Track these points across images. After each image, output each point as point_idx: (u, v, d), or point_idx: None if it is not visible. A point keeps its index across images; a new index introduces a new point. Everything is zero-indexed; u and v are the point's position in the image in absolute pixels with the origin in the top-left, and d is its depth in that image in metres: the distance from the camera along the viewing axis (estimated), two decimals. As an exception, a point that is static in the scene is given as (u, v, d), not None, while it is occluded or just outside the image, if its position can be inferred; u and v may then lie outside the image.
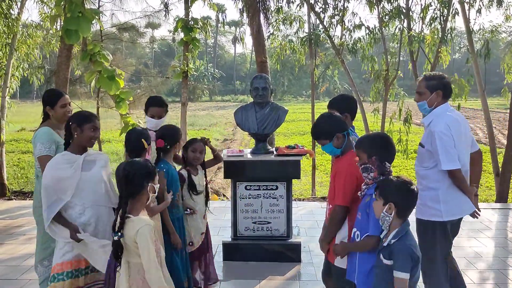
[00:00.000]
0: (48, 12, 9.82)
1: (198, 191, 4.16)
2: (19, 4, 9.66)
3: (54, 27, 9.23)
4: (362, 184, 3.01)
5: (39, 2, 9.71)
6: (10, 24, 9.08)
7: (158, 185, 3.04)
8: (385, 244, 2.70)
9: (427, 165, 3.55)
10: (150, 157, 3.83)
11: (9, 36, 9.31)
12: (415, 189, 2.70)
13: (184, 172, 4.15)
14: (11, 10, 9.17)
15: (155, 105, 4.34)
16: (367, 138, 3.07)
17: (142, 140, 3.53)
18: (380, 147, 2.95)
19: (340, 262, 3.15)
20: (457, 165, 3.40)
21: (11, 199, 8.87)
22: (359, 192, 3.01)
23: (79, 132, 3.31)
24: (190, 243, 4.13)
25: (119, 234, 2.74)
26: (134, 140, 3.57)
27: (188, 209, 4.11)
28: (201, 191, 4.21)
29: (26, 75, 10.41)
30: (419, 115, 21.22)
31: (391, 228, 2.69)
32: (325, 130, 3.27)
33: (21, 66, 10.01)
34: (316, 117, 3.71)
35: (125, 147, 3.67)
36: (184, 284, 3.72)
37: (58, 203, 3.21)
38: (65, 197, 3.21)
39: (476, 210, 3.63)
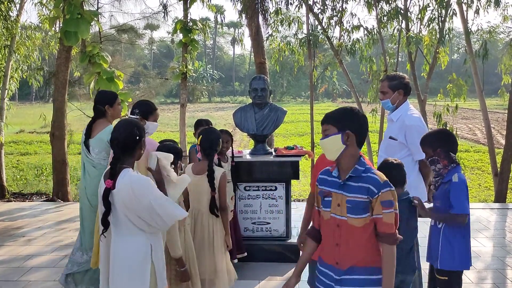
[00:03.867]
0: (47, 14, 9.83)
1: (227, 180, 4.44)
2: (18, 6, 9.68)
3: (53, 28, 9.26)
4: (432, 178, 3.44)
5: (38, 4, 9.73)
6: (9, 26, 9.09)
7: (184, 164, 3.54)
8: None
9: (399, 156, 3.82)
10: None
11: (8, 38, 9.32)
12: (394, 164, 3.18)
13: (216, 161, 4.38)
14: (10, 12, 9.18)
15: (156, 108, 4.21)
16: (430, 135, 3.38)
17: (219, 140, 3.87)
18: (443, 140, 3.29)
19: None
20: None
21: (10, 201, 8.88)
22: (431, 185, 3.42)
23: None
24: None
25: None
26: (215, 139, 3.83)
27: None
28: (229, 180, 4.56)
29: (25, 77, 10.42)
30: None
31: None
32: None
33: (20, 68, 10.02)
34: (315, 117, 3.78)
35: (201, 143, 3.81)
36: None
37: None
38: None
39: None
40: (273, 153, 5.19)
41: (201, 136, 3.83)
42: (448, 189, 3.21)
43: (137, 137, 2.76)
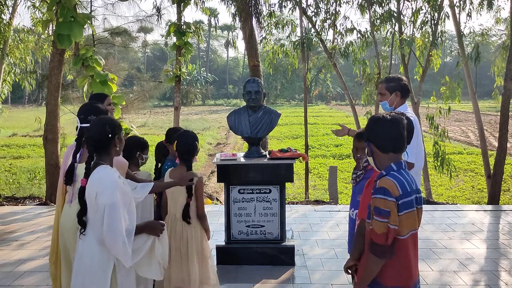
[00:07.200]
0: (40, 17, 9.80)
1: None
2: (10, 9, 9.64)
3: (46, 32, 9.22)
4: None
5: (31, 7, 9.69)
6: (1, 29, 9.04)
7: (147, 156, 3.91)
8: None
9: None
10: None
11: (1, 41, 9.28)
12: None
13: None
14: (2, 15, 9.14)
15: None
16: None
17: (196, 143, 3.70)
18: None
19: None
20: (413, 160, 3.75)
21: (3, 205, 8.80)
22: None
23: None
24: None
25: None
26: (191, 143, 3.65)
27: None
28: None
29: (18, 80, 10.38)
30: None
31: None
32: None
33: (13, 71, 9.98)
34: (308, 120, 3.80)
35: (178, 148, 3.64)
36: None
37: None
38: None
39: None
40: (267, 156, 5.18)
41: (176, 140, 3.69)
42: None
43: (110, 135, 2.78)
